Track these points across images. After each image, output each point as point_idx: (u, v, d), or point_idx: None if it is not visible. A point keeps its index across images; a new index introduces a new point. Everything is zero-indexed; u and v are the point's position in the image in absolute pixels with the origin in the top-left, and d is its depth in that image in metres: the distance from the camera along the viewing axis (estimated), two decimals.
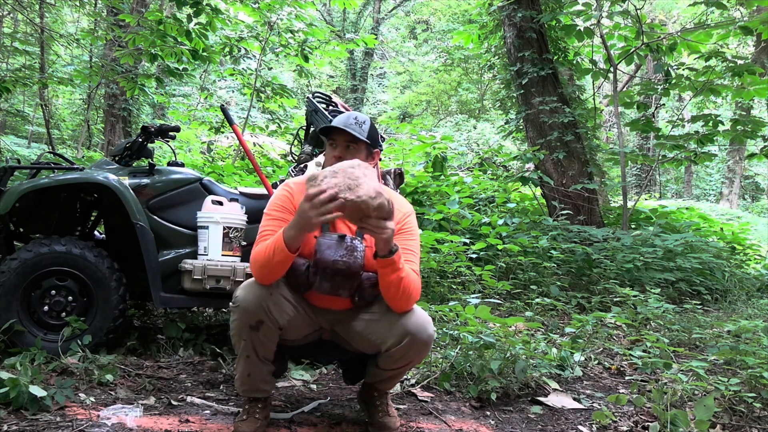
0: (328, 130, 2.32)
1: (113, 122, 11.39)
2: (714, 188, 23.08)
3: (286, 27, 8.57)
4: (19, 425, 2.21)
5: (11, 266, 2.90)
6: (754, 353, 3.29)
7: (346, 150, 2.30)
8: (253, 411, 2.35)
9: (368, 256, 2.22)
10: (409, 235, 2.36)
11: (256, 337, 2.20)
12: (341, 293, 2.22)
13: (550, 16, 7.33)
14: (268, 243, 2.16)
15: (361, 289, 2.23)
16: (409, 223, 2.38)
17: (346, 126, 2.29)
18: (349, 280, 2.19)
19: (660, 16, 18.21)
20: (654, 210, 8.38)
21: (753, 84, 6.56)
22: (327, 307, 2.32)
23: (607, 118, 16.41)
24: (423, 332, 2.27)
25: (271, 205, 2.32)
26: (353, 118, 2.33)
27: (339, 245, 2.18)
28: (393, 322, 2.26)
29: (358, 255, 2.19)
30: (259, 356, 2.25)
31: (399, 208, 2.32)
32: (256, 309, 2.17)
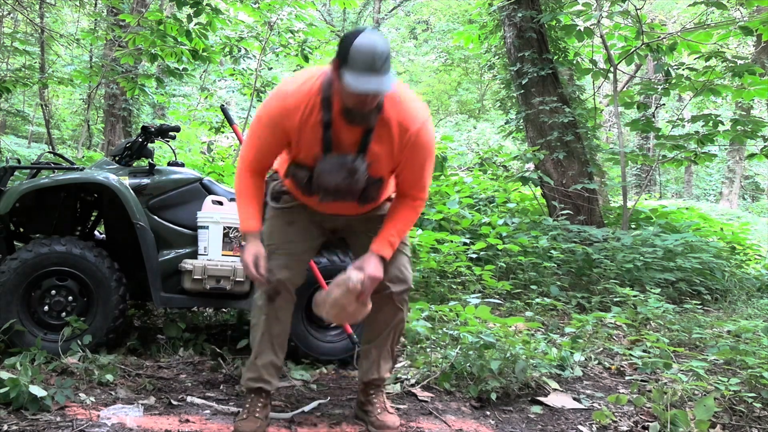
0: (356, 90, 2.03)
1: (113, 122, 11.38)
2: (714, 188, 23.08)
3: (286, 27, 8.57)
4: (19, 425, 2.21)
5: (11, 266, 2.90)
6: (754, 353, 3.29)
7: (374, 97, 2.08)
8: (254, 409, 2.35)
9: (373, 168, 2.21)
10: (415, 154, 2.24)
11: (272, 311, 2.35)
12: (346, 199, 2.27)
13: (550, 16, 7.33)
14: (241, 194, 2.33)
15: (366, 192, 2.26)
16: (417, 144, 2.22)
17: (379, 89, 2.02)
18: (351, 194, 2.24)
19: (660, 16, 18.21)
20: (654, 210, 8.38)
21: (753, 84, 6.55)
22: (336, 213, 2.39)
23: (607, 118, 16.41)
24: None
25: (263, 117, 2.24)
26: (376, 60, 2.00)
27: (340, 167, 2.18)
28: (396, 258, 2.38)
29: (360, 176, 2.19)
30: (273, 335, 2.36)
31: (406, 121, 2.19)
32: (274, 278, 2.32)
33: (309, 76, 2.21)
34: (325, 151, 2.20)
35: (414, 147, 2.21)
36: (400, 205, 2.34)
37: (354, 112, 2.11)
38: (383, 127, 2.18)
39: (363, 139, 2.19)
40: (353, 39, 2.02)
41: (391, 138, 2.19)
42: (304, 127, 2.18)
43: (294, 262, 2.39)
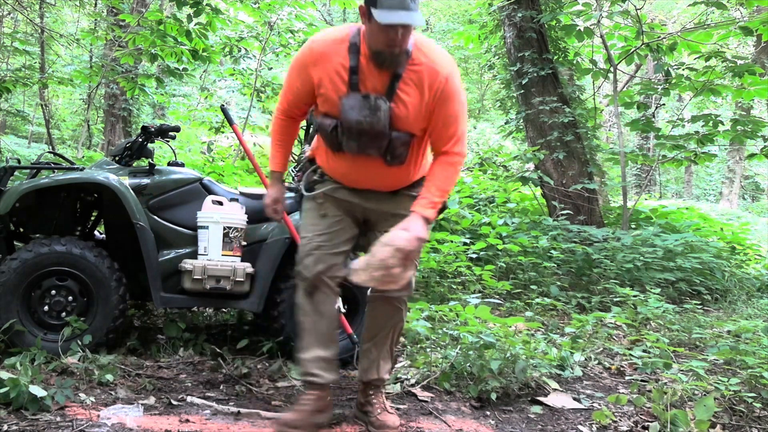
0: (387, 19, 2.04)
1: (113, 122, 11.38)
2: (714, 188, 23.07)
3: (286, 27, 8.57)
4: (19, 425, 2.22)
5: (11, 266, 2.90)
6: (754, 353, 3.29)
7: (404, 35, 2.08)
8: (304, 402, 2.37)
9: (398, 116, 2.19)
10: (446, 102, 2.21)
11: (313, 306, 2.37)
12: (370, 152, 2.23)
13: (550, 16, 7.33)
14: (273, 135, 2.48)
15: (392, 148, 2.22)
16: (447, 91, 2.21)
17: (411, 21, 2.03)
18: (374, 140, 2.20)
19: (660, 16, 18.21)
20: (654, 210, 8.38)
21: (753, 84, 6.55)
22: (368, 188, 2.37)
23: (607, 118, 16.41)
24: None
25: (293, 64, 2.31)
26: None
27: (362, 105, 2.16)
28: None
29: (382, 114, 2.16)
30: (317, 330, 2.37)
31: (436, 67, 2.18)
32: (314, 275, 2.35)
33: (339, 29, 2.27)
34: (350, 90, 2.20)
35: (444, 94, 2.18)
36: (438, 164, 2.28)
37: (383, 53, 2.10)
38: (412, 73, 2.16)
39: (390, 84, 2.17)
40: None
41: (420, 85, 2.17)
42: (331, 72, 2.19)
43: (328, 256, 2.37)
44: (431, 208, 2.23)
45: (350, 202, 2.40)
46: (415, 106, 2.19)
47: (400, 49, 2.08)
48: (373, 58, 2.14)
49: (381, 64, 2.14)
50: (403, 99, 2.18)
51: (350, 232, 2.44)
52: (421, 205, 2.23)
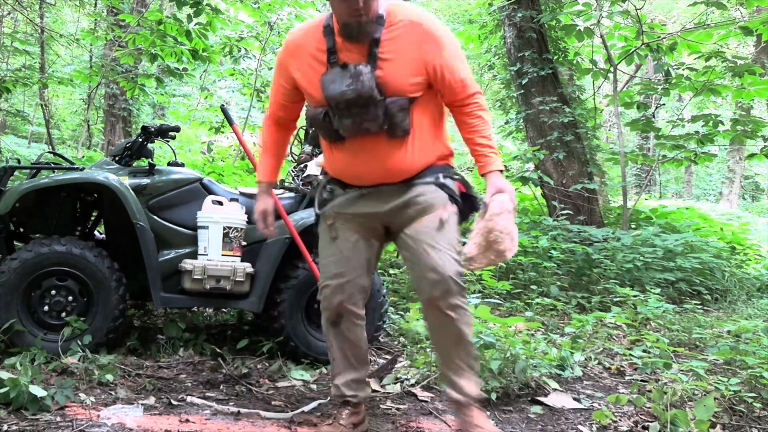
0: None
1: (113, 122, 11.38)
2: (714, 188, 23.07)
3: (286, 27, 8.57)
4: (19, 425, 2.21)
5: (11, 266, 2.90)
6: (754, 353, 3.29)
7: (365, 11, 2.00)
8: (340, 416, 2.33)
9: (386, 80, 2.05)
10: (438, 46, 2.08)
11: (340, 334, 2.29)
12: (368, 126, 2.07)
13: (550, 16, 7.33)
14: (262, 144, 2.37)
15: (390, 115, 2.07)
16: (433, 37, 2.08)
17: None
18: (366, 109, 2.05)
19: (660, 16, 18.20)
20: (654, 210, 8.38)
21: (753, 84, 6.54)
22: (375, 182, 2.18)
23: (607, 118, 16.40)
24: None
25: (276, 63, 2.27)
26: None
27: (342, 75, 2.05)
28: None
29: (365, 78, 2.02)
30: (347, 355, 2.30)
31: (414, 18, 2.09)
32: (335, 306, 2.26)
33: (314, 18, 2.22)
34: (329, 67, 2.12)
35: (432, 40, 2.07)
36: (467, 117, 2.15)
37: (350, 24, 2.01)
38: (391, 33, 2.06)
39: (370, 51, 2.05)
40: None
41: (402, 41, 2.06)
42: (309, 59, 2.13)
43: (347, 284, 2.24)
44: (494, 157, 2.12)
45: (363, 214, 2.23)
46: (402, 65, 2.06)
47: (367, 17, 2.00)
48: (342, 31, 2.05)
49: (350, 36, 2.04)
50: (387, 60, 2.06)
51: (367, 251, 2.27)
52: (483, 162, 2.12)
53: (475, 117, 2.15)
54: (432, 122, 2.19)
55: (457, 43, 2.15)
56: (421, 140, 2.16)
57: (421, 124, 2.15)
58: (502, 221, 2.02)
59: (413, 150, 2.14)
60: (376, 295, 3.30)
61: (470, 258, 2.07)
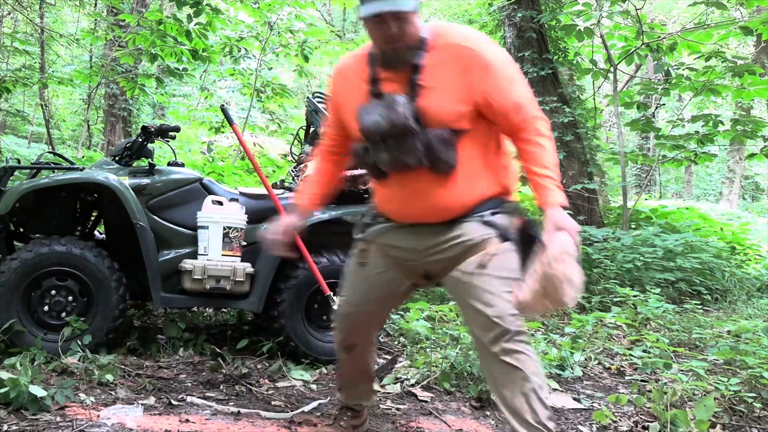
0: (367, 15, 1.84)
1: (113, 122, 11.38)
2: (714, 188, 23.06)
3: (286, 27, 8.57)
4: (19, 425, 2.22)
5: (11, 266, 2.91)
6: (754, 353, 3.29)
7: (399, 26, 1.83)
8: (341, 418, 2.35)
9: (427, 109, 1.87)
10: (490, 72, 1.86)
11: (353, 357, 2.21)
12: (406, 160, 1.88)
13: (550, 16, 7.33)
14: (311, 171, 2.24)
15: (431, 148, 1.86)
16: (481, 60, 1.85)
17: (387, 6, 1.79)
18: (403, 140, 1.87)
19: (660, 16, 18.20)
20: (654, 210, 8.38)
21: (753, 84, 6.54)
22: (421, 220, 1.98)
23: (607, 118, 16.40)
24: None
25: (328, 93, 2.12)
26: None
27: (377, 105, 1.91)
28: None
29: (400, 108, 1.86)
30: (356, 372, 2.26)
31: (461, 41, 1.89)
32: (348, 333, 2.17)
33: (361, 46, 2.08)
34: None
35: (479, 64, 1.85)
36: (528, 146, 1.89)
37: (386, 52, 1.88)
38: (433, 58, 1.87)
39: (410, 79, 1.88)
40: None
41: (445, 66, 1.86)
42: (353, 90, 1.99)
43: (361, 314, 2.13)
44: (556, 191, 1.87)
45: (399, 247, 2.03)
46: (445, 93, 1.86)
47: (403, 42, 1.84)
48: (380, 59, 1.92)
49: (387, 64, 1.91)
50: (429, 88, 1.87)
51: (392, 286, 2.09)
52: (543, 195, 1.86)
53: (534, 144, 1.89)
54: (484, 155, 1.96)
55: (512, 64, 1.93)
56: (470, 175, 1.93)
57: (470, 157, 1.92)
58: (561, 267, 1.76)
59: (459, 186, 1.92)
60: None
61: (524, 304, 1.83)
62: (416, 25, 1.86)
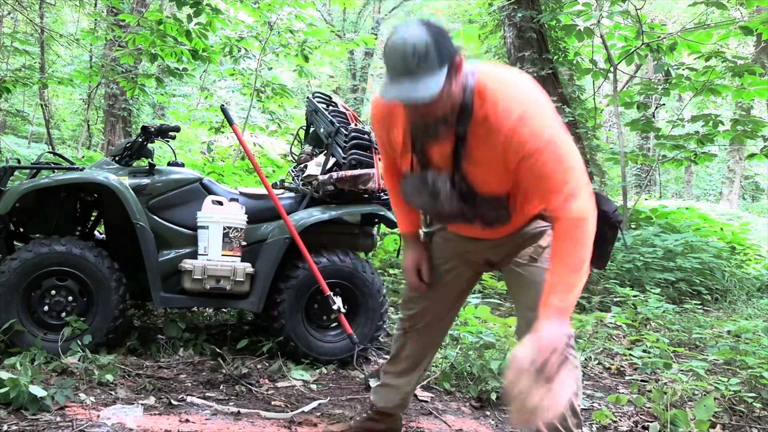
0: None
1: (113, 122, 11.38)
2: (714, 188, 23.06)
3: (286, 27, 8.56)
4: (19, 425, 2.22)
5: (11, 266, 2.90)
6: (754, 353, 3.30)
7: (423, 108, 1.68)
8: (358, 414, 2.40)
9: (475, 182, 1.80)
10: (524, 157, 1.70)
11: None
12: (462, 221, 1.90)
13: (550, 16, 7.33)
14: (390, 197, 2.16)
15: (481, 215, 1.85)
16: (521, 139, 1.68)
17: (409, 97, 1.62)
18: (452, 217, 1.90)
19: (660, 16, 18.20)
20: (654, 210, 8.38)
21: (753, 84, 6.54)
22: (476, 237, 1.99)
23: (607, 118, 16.40)
24: None
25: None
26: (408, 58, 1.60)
27: (421, 189, 1.86)
28: None
29: (443, 199, 1.82)
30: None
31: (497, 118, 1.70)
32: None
33: None
34: (411, 167, 1.90)
35: (518, 143, 1.69)
36: (555, 237, 1.74)
37: (417, 125, 1.77)
38: (478, 127, 1.73)
39: (455, 150, 1.77)
40: (389, 37, 1.67)
41: (489, 139, 1.72)
42: (399, 128, 1.89)
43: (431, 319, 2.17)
44: (562, 296, 1.66)
45: (463, 244, 2.06)
46: (489, 170, 1.77)
47: (435, 118, 1.70)
48: (412, 129, 1.81)
49: (420, 136, 1.80)
50: (475, 161, 1.76)
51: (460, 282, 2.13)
52: (542, 309, 1.68)
53: (563, 239, 1.70)
54: None
55: (559, 142, 1.73)
56: (524, 209, 1.90)
57: (525, 199, 1.87)
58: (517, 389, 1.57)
59: (515, 220, 1.91)
60: (376, 295, 3.30)
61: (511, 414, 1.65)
62: (452, 94, 1.68)
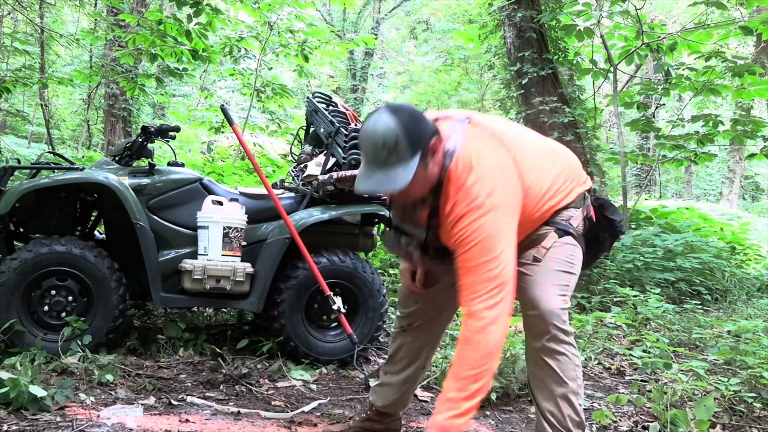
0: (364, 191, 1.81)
1: (113, 122, 11.38)
2: (714, 188, 23.05)
3: (286, 27, 8.56)
4: (19, 425, 2.22)
5: (11, 266, 2.91)
6: (754, 353, 3.29)
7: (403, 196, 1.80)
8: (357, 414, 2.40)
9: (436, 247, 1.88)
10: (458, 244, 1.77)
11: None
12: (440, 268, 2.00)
13: (550, 16, 7.32)
14: None
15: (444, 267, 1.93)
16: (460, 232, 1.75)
17: (376, 189, 1.75)
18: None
19: (660, 16, 18.20)
20: (654, 210, 8.38)
21: (753, 84, 6.54)
22: None
23: (607, 118, 16.40)
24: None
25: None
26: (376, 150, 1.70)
27: (397, 248, 1.98)
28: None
29: (416, 261, 1.94)
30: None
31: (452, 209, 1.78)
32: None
33: None
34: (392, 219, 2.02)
35: (457, 234, 1.76)
36: (459, 337, 1.77)
37: (393, 202, 1.90)
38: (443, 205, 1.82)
39: (430, 217, 1.85)
40: (363, 123, 1.76)
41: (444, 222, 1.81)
42: None
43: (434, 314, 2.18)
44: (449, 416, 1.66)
45: None
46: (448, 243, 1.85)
47: (412, 199, 1.81)
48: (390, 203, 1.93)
49: (399, 211, 1.93)
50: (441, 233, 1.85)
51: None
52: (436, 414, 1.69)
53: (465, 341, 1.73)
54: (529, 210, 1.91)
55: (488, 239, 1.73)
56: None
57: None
58: None
59: None
60: (376, 295, 3.30)
61: None
62: (428, 176, 1.76)
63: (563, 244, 1.95)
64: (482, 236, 1.73)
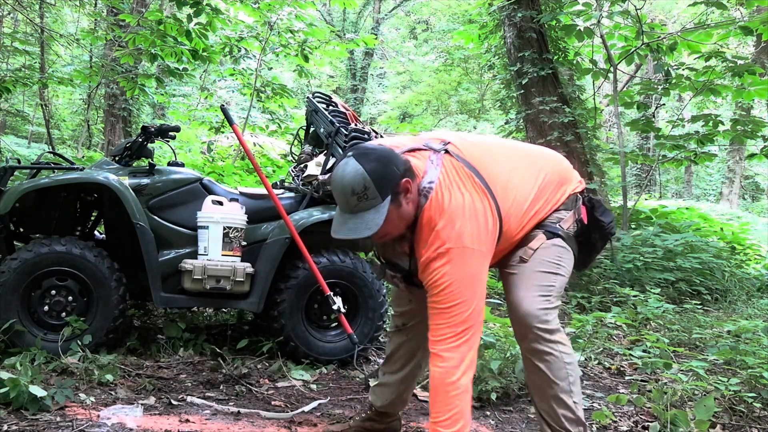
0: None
1: (113, 122, 11.38)
2: (714, 188, 23.05)
3: (286, 27, 8.56)
4: (19, 425, 2.22)
5: (11, 266, 2.90)
6: (754, 353, 3.29)
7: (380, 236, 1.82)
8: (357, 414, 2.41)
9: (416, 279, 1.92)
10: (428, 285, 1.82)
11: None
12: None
13: (550, 16, 7.32)
14: None
15: None
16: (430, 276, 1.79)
17: (349, 236, 1.77)
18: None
19: (660, 16, 18.20)
20: (654, 210, 8.39)
21: (753, 84, 6.54)
22: None
23: (607, 118, 16.39)
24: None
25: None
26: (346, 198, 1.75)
27: (383, 276, 2.06)
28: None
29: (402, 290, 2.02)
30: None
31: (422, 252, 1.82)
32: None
33: None
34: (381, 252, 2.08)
35: (427, 279, 1.81)
36: (430, 384, 1.82)
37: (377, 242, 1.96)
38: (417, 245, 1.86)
39: (411, 252, 1.91)
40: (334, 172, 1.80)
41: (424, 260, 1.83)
42: None
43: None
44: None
45: None
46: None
47: (390, 237, 1.85)
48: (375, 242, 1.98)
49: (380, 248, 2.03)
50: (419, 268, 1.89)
51: None
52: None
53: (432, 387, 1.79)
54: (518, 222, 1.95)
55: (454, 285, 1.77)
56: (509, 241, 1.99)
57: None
58: None
59: None
60: (376, 295, 3.30)
61: None
62: (403, 215, 1.80)
63: (551, 245, 1.97)
64: (451, 281, 1.77)
